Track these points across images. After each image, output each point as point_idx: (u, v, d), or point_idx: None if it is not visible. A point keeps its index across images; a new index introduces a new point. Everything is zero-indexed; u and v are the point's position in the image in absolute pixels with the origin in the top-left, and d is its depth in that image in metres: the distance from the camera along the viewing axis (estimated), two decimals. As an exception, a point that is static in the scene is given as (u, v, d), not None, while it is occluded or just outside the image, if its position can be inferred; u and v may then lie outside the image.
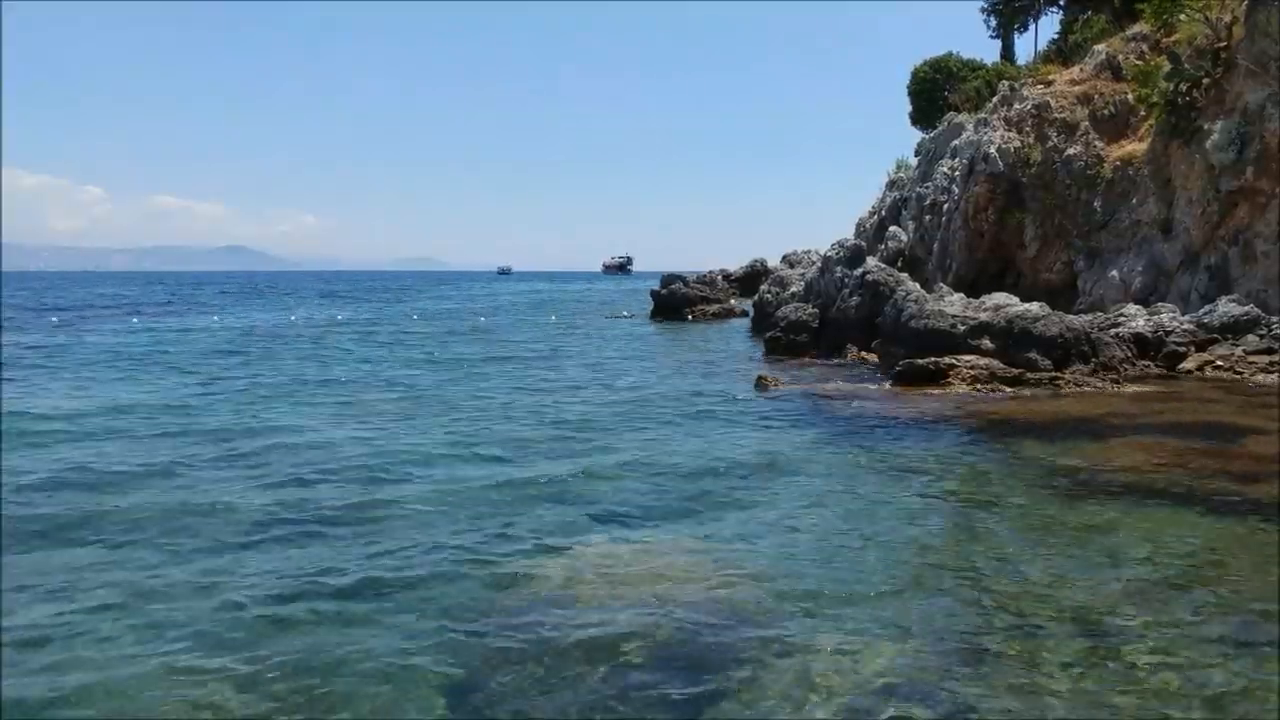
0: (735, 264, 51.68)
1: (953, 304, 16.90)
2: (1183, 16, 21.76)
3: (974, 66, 39.20)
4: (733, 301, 36.81)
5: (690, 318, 33.27)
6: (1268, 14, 18.64)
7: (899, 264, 26.52)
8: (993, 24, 41.78)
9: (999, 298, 17.25)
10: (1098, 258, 23.04)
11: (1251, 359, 15.97)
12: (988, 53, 45.87)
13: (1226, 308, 17.49)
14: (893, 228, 31.91)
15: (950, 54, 40.58)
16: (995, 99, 27.71)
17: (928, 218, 29.51)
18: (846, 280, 21.05)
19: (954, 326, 15.75)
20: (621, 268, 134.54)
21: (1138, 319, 17.67)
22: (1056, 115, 24.56)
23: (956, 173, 27.50)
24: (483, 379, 17.11)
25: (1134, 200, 22.33)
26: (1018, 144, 24.80)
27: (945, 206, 28.07)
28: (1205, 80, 20.23)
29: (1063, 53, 30.50)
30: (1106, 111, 24.14)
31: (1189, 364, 16.14)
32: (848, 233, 34.11)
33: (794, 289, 24.91)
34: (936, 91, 38.97)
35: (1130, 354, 16.07)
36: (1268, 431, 10.63)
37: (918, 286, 19.52)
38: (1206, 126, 19.67)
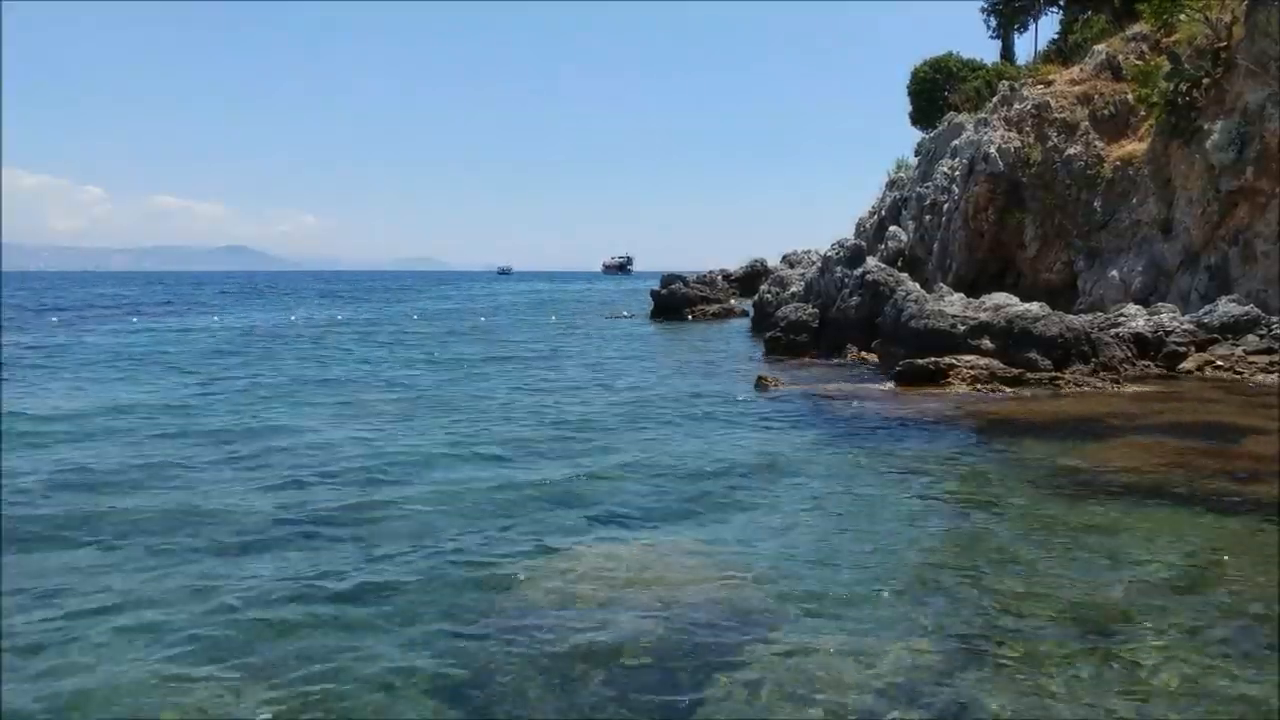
0: (735, 264, 51.68)
1: (953, 304, 16.90)
2: (1183, 16, 21.77)
3: (974, 66, 39.20)
4: (733, 301, 36.81)
5: (690, 318, 33.27)
6: (1268, 14, 18.64)
7: (899, 264, 26.52)
8: (993, 24, 41.81)
9: (999, 298, 17.25)
10: (1098, 258, 23.04)
11: (1251, 359, 15.98)
12: (988, 53, 45.91)
13: (1226, 308, 17.50)
14: (893, 228, 31.90)
15: (950, 54, 40.58)
16: (995, 99, 27.71)
17: (928, 218, 29.50)
18: (846, 280, 21.06)
19: (954, 326, 15.75)
20: (621, 268, 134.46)
21: (1138, 319, 17.67)
22: (1056, 115, 24.57)
23: (956, 173, 27.50)
24: (482, 379, 17.11)
25: (1134, 200, 22.33)
26: (1018, 144, 24.81)
27: (945, 206, 28.06)
28: (1205, 80, 20.24)
29: (1063, 53, 30.50)
30: (1106, 111, 24.15)
31: (1189, 364, 16.14)
32: (848, 233, 34.09)
33: (794, 289, 24.91)
34: (936, 91, 38.97)
35: (1130, 354, 16.07)
36: (1268, 431, 10.63)
37: (918, 286, 19.52)
38: (1206, 126, 19.67)
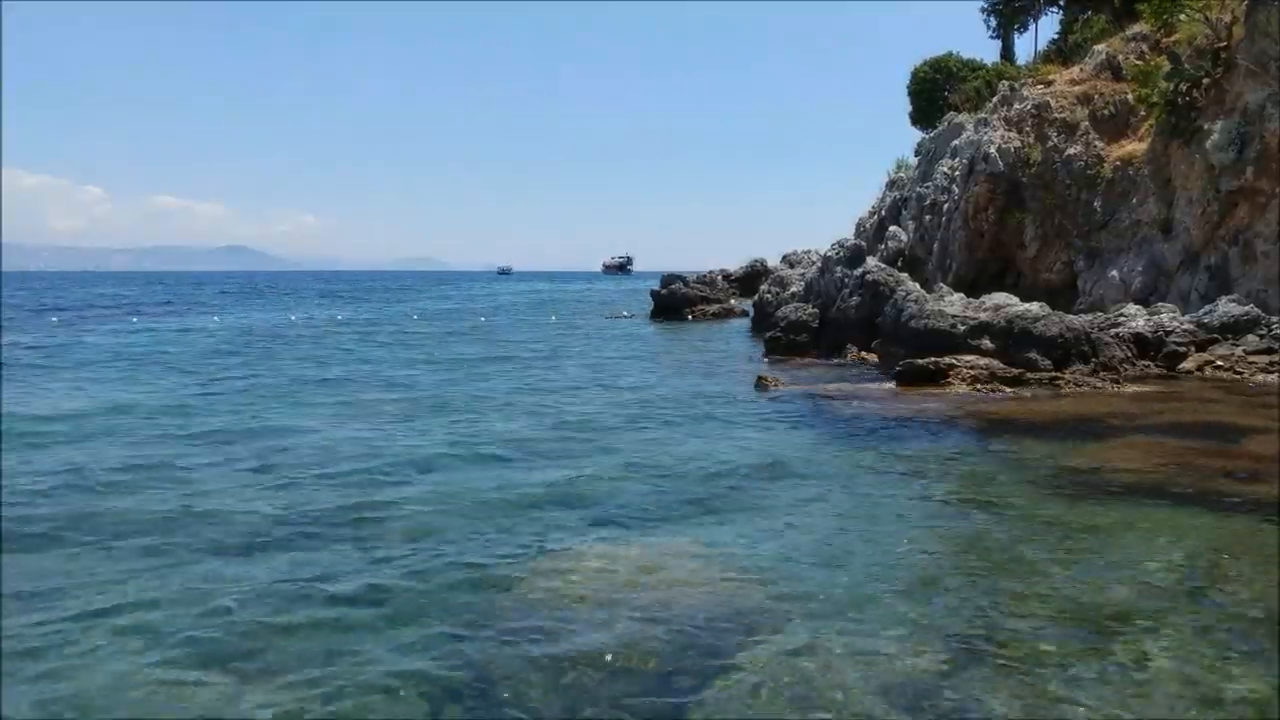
0: (735, 264, 51.69)
1: (953, 304, 16.89)
2: (1183, 16, 21.77)
3: (974, 66, 39.19)
4: (733, 301, 36.81)
5: (690, 318, 33.27)
6: (1268, 14, 18.63)
7: (899, 264, 26.51)
8: (993, 24, 41.80)
9: (999, 298, 17.24)
10: (1098, 258, 23.03)
11: (1251, 359, 15.97)
12: (988, 53, 45.90)
13: (1226, 308, 17.49)
14: (893, 228, 31.89)
15: (950, 54, 40.58)
16: (995, 99, 27.71)
17: (928, 218, 29.49)
18: (846, 280, 21.05)
19: (954, 326, 15.75)
20: (621, 268, 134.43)
21: (1138, 319, 17.67)
22: (1056, 115, 24.56)
23: (956, 173, 27.49)
24: (482, 379, 17.11)
25: (1134, 200, 22.33)
26: (1018, 144, 24.80)
27: (945, 206, 28.06)
28: (1205, 80, 20.23)
29: (1063, 53, 30.49)
30: (1106, 111, 24.15)
31: (1189, 364, 16.14)
32: (848, 233, 34.08)
33: (794, 289, 24.91)
34: (936, 91, 38.97)
35: (1130, 354, 16.06)
36: (1268, 431, 10.63)
37: (918, 286, 19.52)
38: (1206, 126, 19.66)
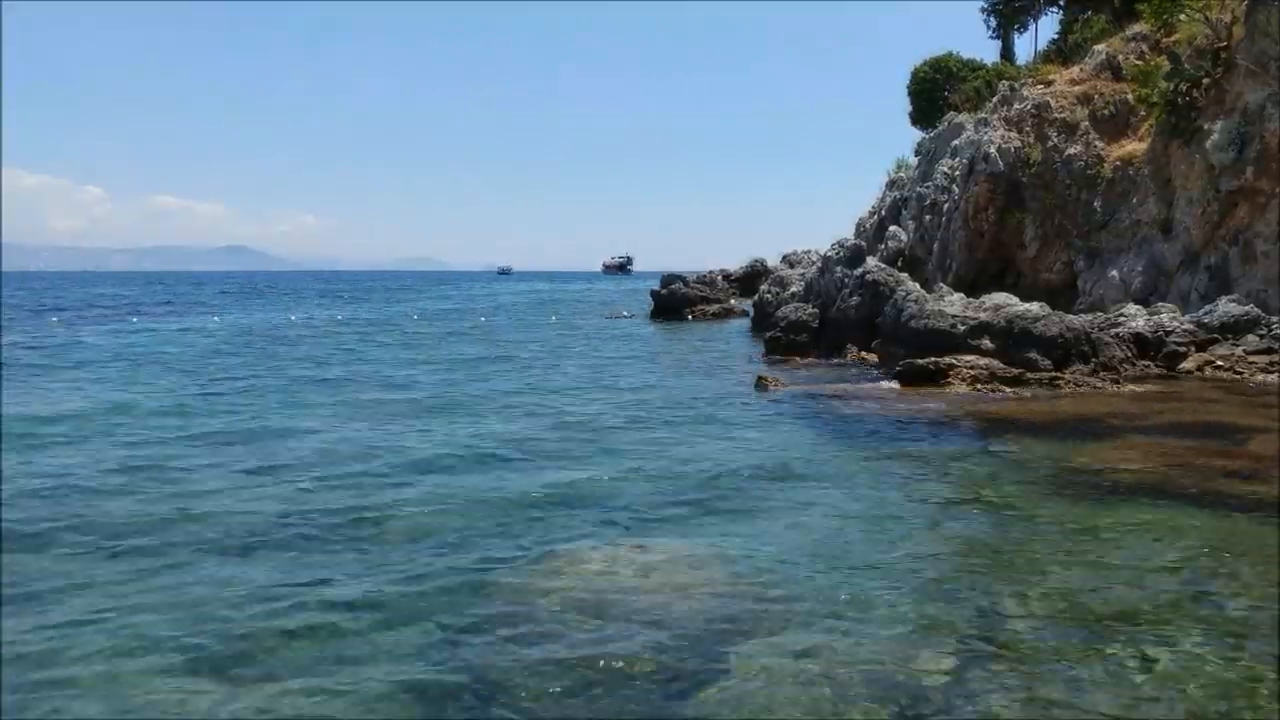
0: (735, 264, 51.68)
1: (953, 304, 16.89)
2: (1183, 16, 21.77)
3: (974, 66, 39.18)
4: (733, 301, 36.81)
5: (690, 318, 33.27)
6: (1268, 14, 18.63)
7: (899, 264, 26.50)
8: (993, 24, 41.79)
9: (999, 298, 17.24)
10: (1098, 258, 23.03)
11: (1251, 359, 15.98)
12: (988, 53, 45.89)
13: (1226, 308, 17.49)
14: (893, 228, 31.88)
15: (950, 54, 40.56)
16: (995, 99, 27.70)
17: (928, 218, 29.49)
18: (846, 280, 21.04)
19: (954, 326, 15.75)
20: (621, 268, 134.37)
21: (1138, 319, 17.67)
22: (1056, 115, 24.56)
23: (956, 172, 27.49)
24: (483, 379, 17.10)
25: (1134, 200, 22.33)
26: (1018, 144, 24.80)
27: (945, 206, 28.06)
28: (1205, 80, 20.23)
29: (1063, 53, 30.48)
30: (1106, 111, 24.15)
31: (1189, 364, 16.14)
32: (848, 233, 34.08)
33: (794, 289, 24.91)
34: (936, 91, 38.95)
35: (1130, 354, 16.06)
36: (1268, 431, 10.63)
37: (918, 286, 19.52)
38: (1206, 126, 19.67)
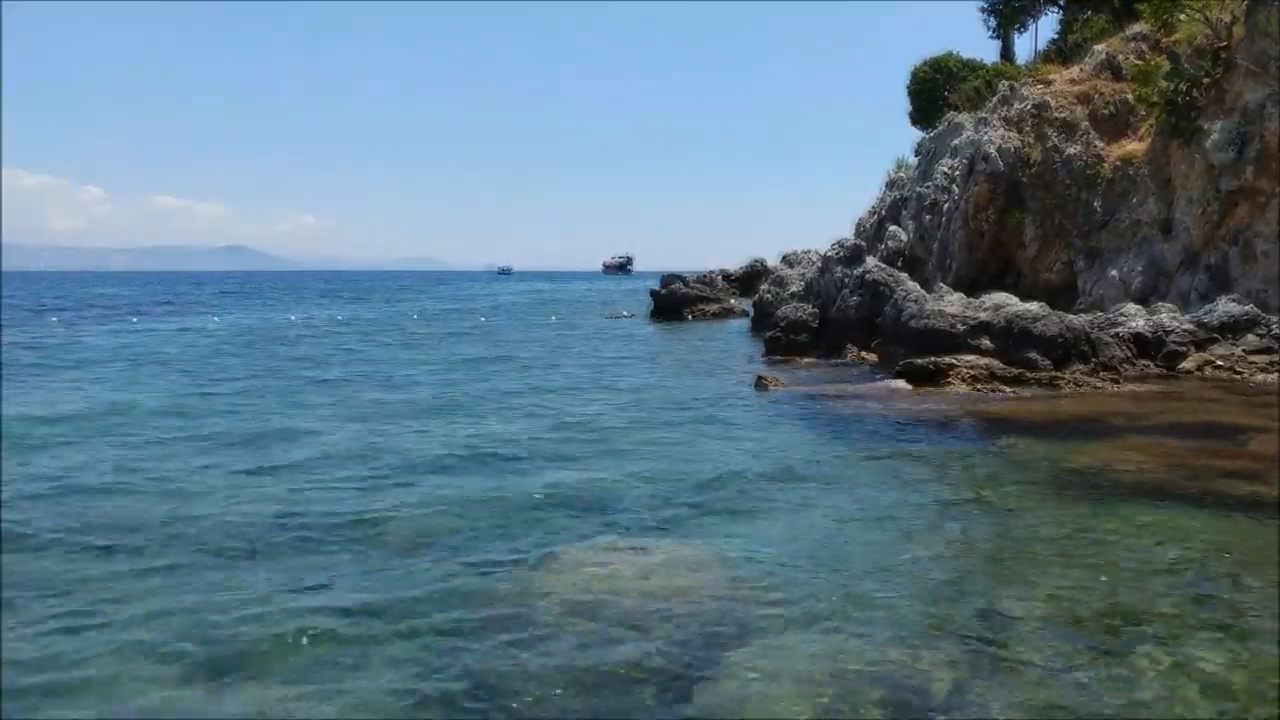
0: (735, 264, 51.65)
1: (952, 304, 16.89)
2: (1183, 16, 21.76)
3: (974, 66, 39.14)
4: (732, 301, 36.80)
5: (690, 318, 33.27)
6: (1268, 14, 18.63)
7: (899, 264, 26.49)
8: (992, 24, 41.73)
9: (999, 297, 17.25)
10: (1098, 258, 23.03)
11: (1251, 359, 15.98)
12: (988, 53, 45.84)
13: (1226, 307, 17.49)
14: (892, 227, 31.87)
15: (950, 54, 40.51)
16: (995, 99, 27.68)
17: (927, 217, 29.48)
18: (846, 280, 21.04)
19: (954, 326, 15.75)
20: (621, 267, 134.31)
21: (1137, 319, 17.66)
22: (1056, 115, 24.55)
23: (956, 172, 27.48)
24: (482, 380, 17.10)
25: (1134, 200, 22.32)
26: (1017, 144, 24.79)
27: (945, 206, 28.05)
28: (1205, 80, 20.22)
29: (1062, 53, 30.46)
30: (1106, 111, 24.14)
31: (1189, 364, 16.14)
32: (848, 233, 34.05)
33: (794, 289, 24.90)
34: (936, 91, 38.91)
35: (1130, 354, 16.07)
36: (1268, 431, 10.63)
37: (917, 286, 19.52)
38: (1206, 126, 19.66)
